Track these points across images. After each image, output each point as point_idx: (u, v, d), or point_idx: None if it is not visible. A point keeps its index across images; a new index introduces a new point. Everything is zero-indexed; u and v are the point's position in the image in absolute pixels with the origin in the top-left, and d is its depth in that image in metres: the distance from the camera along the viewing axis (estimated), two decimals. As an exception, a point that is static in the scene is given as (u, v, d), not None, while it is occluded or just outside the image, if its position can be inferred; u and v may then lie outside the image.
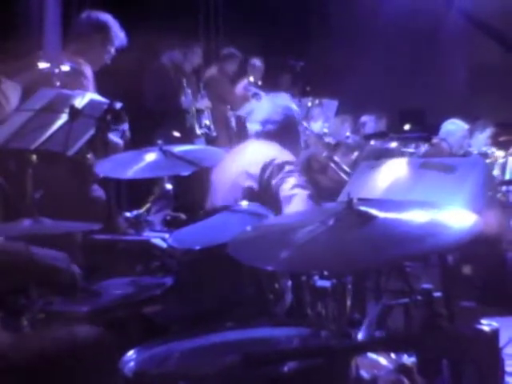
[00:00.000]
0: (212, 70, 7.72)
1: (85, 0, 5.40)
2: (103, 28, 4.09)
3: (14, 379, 1.85)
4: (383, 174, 2.82)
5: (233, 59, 7.85)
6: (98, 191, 3.68)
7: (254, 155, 3.60)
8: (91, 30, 4.08)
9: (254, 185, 3.48)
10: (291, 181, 3.43)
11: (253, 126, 3.76)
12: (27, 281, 2.15)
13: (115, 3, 5.05)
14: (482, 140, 7.24)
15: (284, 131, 3.71)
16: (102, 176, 3.24)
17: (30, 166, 2.85)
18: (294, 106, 3.89)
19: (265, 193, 3.43)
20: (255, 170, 3.49)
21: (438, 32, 8.94)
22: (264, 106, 3.82)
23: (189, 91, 6.73)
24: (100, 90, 3.91)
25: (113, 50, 4.14)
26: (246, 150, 3.74)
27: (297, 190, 3.39)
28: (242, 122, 7.29)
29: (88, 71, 3.90)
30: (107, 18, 4.13)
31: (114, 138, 3.68)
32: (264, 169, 3.47)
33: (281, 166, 3.46)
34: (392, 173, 2.81)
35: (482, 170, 2.74)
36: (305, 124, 6.20)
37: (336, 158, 5.74)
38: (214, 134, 6.94)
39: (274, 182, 3.45)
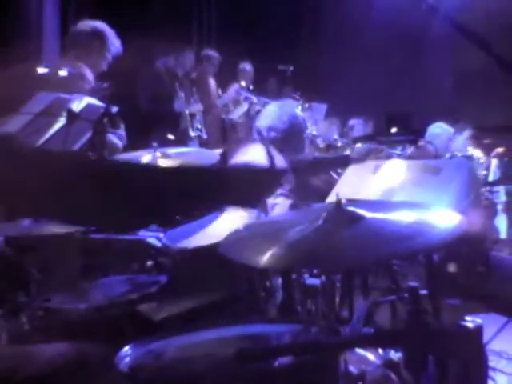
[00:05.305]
0: (193, 74, 7.77)
1: (82, 7, 5.45)
2: (100, 36, 4.18)
3: None
4: (371, 176, 2.89)
5: (210, 60, 7.85)
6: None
7: (250, 159, 3.63)
8: (89, 39, 4.17)
9: None
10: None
11: (258, 132, 3.78)
12: None
13: (111, 10, 5.11)
14: (460, 142, 7.29)
15: (288, 139, 3.72)
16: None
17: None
18: (300, 113, 3.88)
19: None
20: None
21: (424, 38, 8.98)
22: (270, 113, 3.81)
23: (182, 94, 6.78)
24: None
25: (109, 57, 4.22)
26: (245, 153, 3.76)
27: (279, 200, 3.42)
28: (233, 125, 7.36)
29: (89, 75, 3.96)
30: (104, 26, 4.22)
31: (113, 138, 3.73)
32: None
33: None
34: (379, 174, 2.88)
35: (466, 171, 2.80)
36: None
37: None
38: (205, 136, 6.99)
39: None
